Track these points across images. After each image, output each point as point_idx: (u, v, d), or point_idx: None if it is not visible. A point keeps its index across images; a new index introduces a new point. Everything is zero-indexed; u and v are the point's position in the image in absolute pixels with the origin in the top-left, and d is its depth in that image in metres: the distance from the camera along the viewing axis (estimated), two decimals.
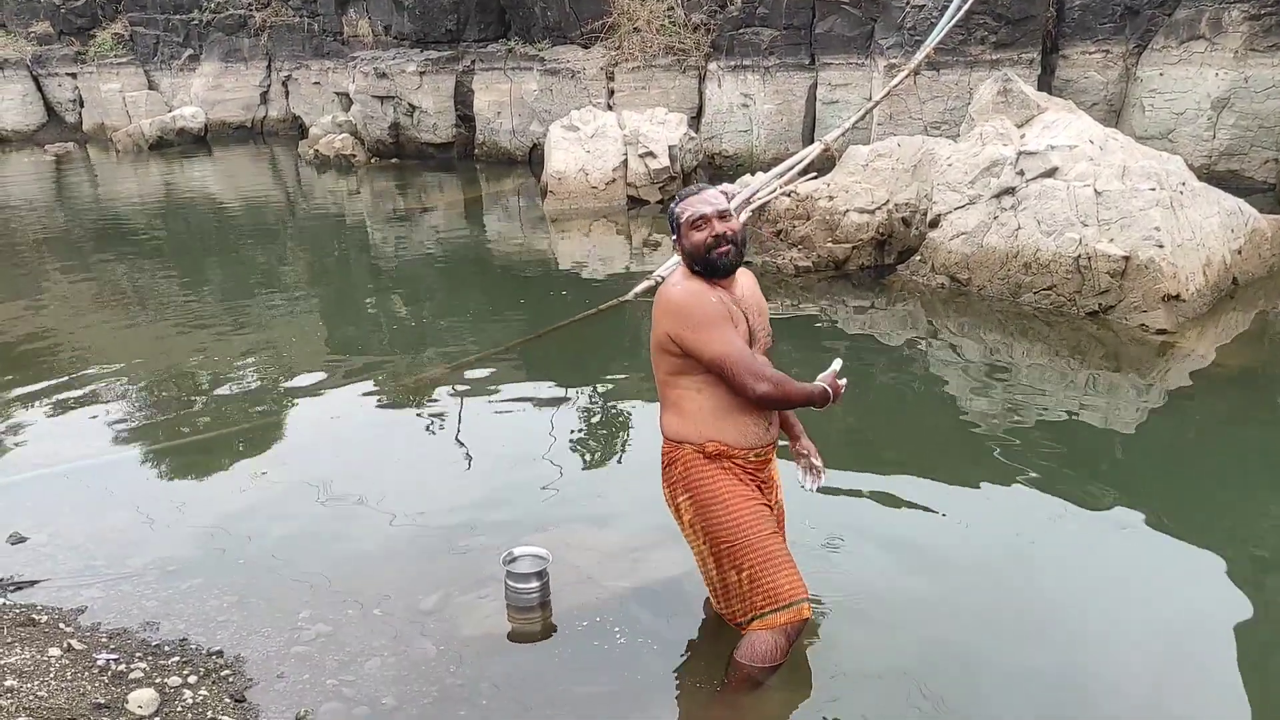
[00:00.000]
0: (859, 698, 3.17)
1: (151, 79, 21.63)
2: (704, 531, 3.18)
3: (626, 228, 11.58)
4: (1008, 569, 3.98)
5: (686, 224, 3.12)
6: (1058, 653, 3.42)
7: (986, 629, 3.56)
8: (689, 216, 3.12)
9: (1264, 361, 6.44)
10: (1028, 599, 3.76)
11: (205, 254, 11.19)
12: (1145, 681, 3.25)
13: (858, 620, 3.58)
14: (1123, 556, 4.08)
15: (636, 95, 14.75)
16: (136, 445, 5.45)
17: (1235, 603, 3.71)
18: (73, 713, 2.91)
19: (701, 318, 3.03)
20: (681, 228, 3.14)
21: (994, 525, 4.38)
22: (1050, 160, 7.54)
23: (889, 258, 8.62)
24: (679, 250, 3.18)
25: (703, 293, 3.08)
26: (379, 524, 4.37)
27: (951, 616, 3.62)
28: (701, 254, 3.10)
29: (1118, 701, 3.15)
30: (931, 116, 12.40)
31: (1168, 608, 3.72)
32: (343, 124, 17.89)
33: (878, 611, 3.65)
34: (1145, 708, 3.13)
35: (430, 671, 3.31)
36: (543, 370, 6.61)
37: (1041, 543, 4.21)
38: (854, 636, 3.48)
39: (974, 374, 6.37)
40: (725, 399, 3.11)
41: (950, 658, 3.37)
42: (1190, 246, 7.09)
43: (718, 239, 3.08)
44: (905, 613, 3.64)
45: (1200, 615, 3.66)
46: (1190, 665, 3.37)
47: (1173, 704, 3.16)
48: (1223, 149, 11.06)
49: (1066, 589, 3.82)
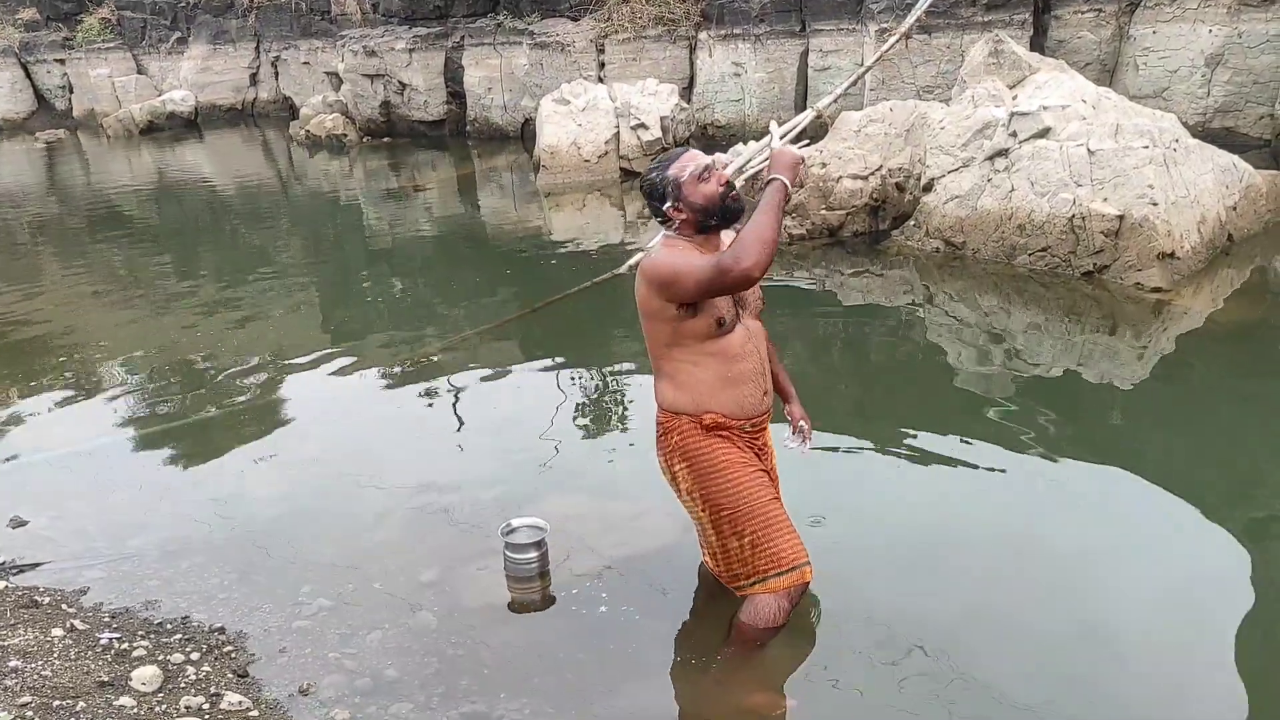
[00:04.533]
0: (859, 660, 3.19)
1: (140, 63, 21.54)
2: (703, 499, 3.16)
3: (620, 200, 11.56)
4: (1009, 531, 3.98)
5: (691, 180, 3.01)
6: (1062, 612, 3.42)
7: (989, 591, 3.56)
8: (692, 171, 3.01)
9: (1260, 317, 6.44)
10: (1031, 560, 3.77)
11: (199, 237, 11.17)
12: (1151, 639, 3.25)
13: (857, 584, 3.59)
14: (1125, 515, 4.08)
15: (627, 67, 14.68)
16: (134, 428, 5.46)
17: (1238, 558, 3.72)
18: (77, 691, 2.92)
19: (674, 265, 2.95)
20: (684, 187, 3.02)
21: (994, 488, 4.38)
22: (1043, 121, 7.51)
23: (883, 223, 8.60)
24: (681, 214, 3.04)
25: (670, 249, 3.03)
26: (378, 499, 4.38)
27: (953, 579, 3.63)
28: (719, 204, 3.02)
29: (1124, 659, 3.15)
30: (924, 80, 12.35)
31: (1172, 564, 3.73)
32: (333, 104, 17.82)
33: (878, 574, 3.66)
34: (1151, 664, 3.14)
35: (432, 643, 3.32)
36: (539, 345, 6.61)
37: (1043, 503, 4.22)
38: (853, 600, 3.49)
39: (971, 337, 6.37)
40: (721, 370, 3.08)
41: (953, 619, 3.38)
42: (1184, 204, 7.07)
43: (728, 184, 3.03)
44: (906, 576, 3.65)
45: (1204, 571, 3.67)
46: (1196, 621, 3.37)
47: (1178, 660, 3.17)
48: (1217, 106, 11.01)
49: (1069, 548, 3.83)
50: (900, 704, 2.96)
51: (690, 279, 2.91)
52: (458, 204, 12.15)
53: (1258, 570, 3.65)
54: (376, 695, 3.05)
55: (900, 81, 12.41)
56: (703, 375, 3.09)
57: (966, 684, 3.02)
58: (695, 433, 3.13)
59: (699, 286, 2.91)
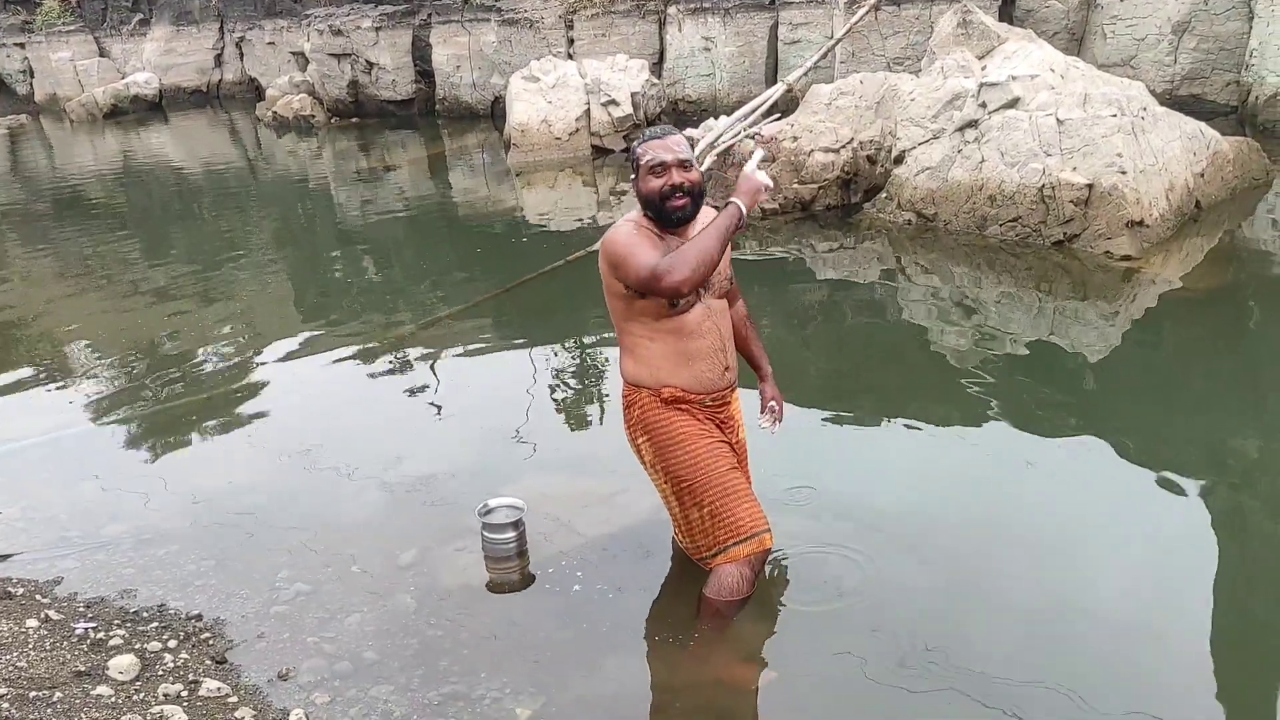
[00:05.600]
0: (835, 633, 3.21)
1: (102, 46, 21.19)
2: (664, 471, 3.20)
3: (592, 178, 11.52)
4: (984, 501, 4.01)
5: (645, 168, 3.04)
6: (1038, 580, 3.45)
7: (964, 561, 3.58)
8: (648, 161, 3.03)
9: (1228, 284, 6.50)
10: (1006, 529, 3.80)
11: (167, 222, 11.05)
12: (1127, 601, 3.28)
13: (833, 557, 3.61)
14: (1099, 481, 4.12)
15: (597, 43, 14.59)
16: (106, 416, 5.40)
17: (1211, 520, 3.77)
18: (53, 682, 2.91)
19: (625, 250, 2.98)
20: (639, 170, 3.07)
21: (969, 458, 4.41)
22: (1012, 91, 7.53)
23: (855, 196, 8.61)
24: (635, 192, 3.12)
25: (629, 228, 3.04)
26: (354, 483, 4.37)
27: (929, 550, 3.65)
28: (655, 202, 3.03)
29: (1101, 623, 3.18)
30: (894, 52, 12.34)
31: (1146, 528, 3.77)
32: (300, 84, 17.63)
33: (853, 547, 3.67)
34: (1128, 627, 3.17)
35: (411, 624, 3.32)
36: (513, 324, 6.59)
37: (1018, 472, 4.26)
38: (829, 573, 3.51)
39: (944, 309, 6.40)
40: (678, 347, 3.10)
41: (929, 590, 3.41)
42: (1153, 172, 7.12)
43: (673, 189, 3.00)
44: (882, 548, 3.65)
45: (1178, 534, 3.70)
46: (1171, 583, 3.41)
47: (1154, 622, 3.20)
48: (1184, 73, 11.07)
49: (1045, 516, 3.86)
50: (877, 676, 2.98)
51: (632, 271, 2.97)
52: (429, 184, 12.06)
53: (1228, 534, 3.70)
54: (356, 678, 3.05)
55: (870, 54, 12.40)
56: (659, 350, 3.11)
57: (944, 655, 3.05)
58: (655, 405, 3.17)
59: (637, 281, 2.97)
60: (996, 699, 2.84)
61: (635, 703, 2.97)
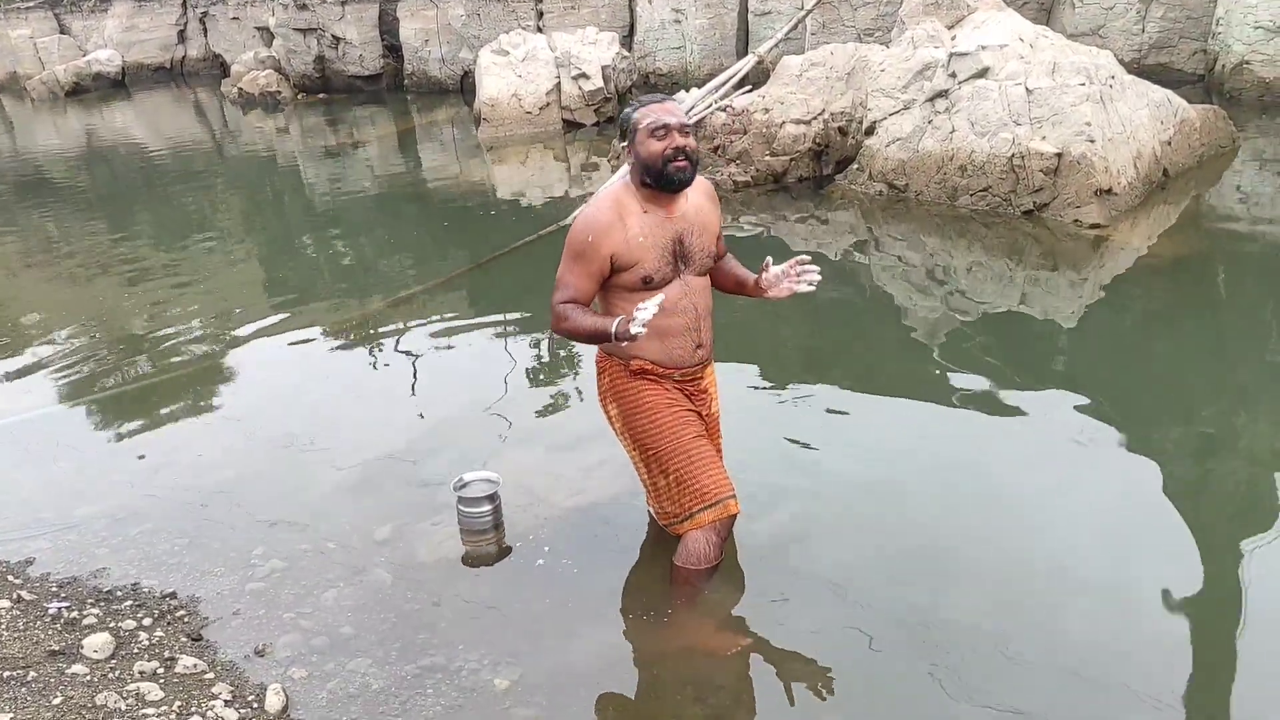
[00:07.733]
0: (810, 601, 3.23)
1: (62, 23, 20.84)
2: (632, 439, 3.24)
3: (564, 152, 11.46)
4: (958, 469, 4.03)
5: (645, 130, 2.97)
6: (1013, 546, 3.48)
7: (939, 528, 3.60)
8: (649, 123, 2.96)
9: (1196, 251, 6.56)
10: (977, 496, 3.83)
11: (133, 201, 10.91)
12: (1099, 564, 3.33)
13: (809, 527, 3.64)
14: (1069, 447, 4.15)
15: (566, 16, 14.49)
16: (76, 397, 5.35)
17: (1179, 482, 3.83)
18: (27, 661, 2.89)
19: (570, 245, 3.05)
20: (638, 134, 2.99)
21: (943, 427, 4.44)
22: (981, 60, 7.54)
23: (827, 168, 8.62)
24: (630, 157, 3.05)
25: (593, 221, 3.01)
26: (329, 460, 4.35)
27: (905, 517, 3.68)
28: (657, 165, 2.96)
29: (1075, 585, 3.23)
30: (864, 23, 12.32)
31: (1117, 492, 3.82)
32: (265, 60, 17.42)
33: (829, 517, 3.70)
34: (1100, 589, 3.21)
35: (387, 599, 3.32)
36: (486, 299, 6.57)
37: (988, 440, 4.30)
38: (806, 543, 3.54)
39: (916, 279, 6.43)
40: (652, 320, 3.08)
41: (904, 557, 3.43)
42: (1121, 140, 7.16)
43: (677, 150, 2.95)
44: (857, 518, 3.69)
45: (1147, 497, 3.75)
46: (1138, 545, 3.46)
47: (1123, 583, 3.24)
48: (1152, 42, 11.13)
49: (1019, 482, 3.91)
50: (850, 641, 3.01)
51: (557, 278, 3.10)
52: (398, 160, 11.96)
53: (1200, 492, 3.76)
54: (334, 653, 3.05)
55: (841, 24, 12.39)
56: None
57: (918, 618, 3.08)
58: (623, 375, 3.20)
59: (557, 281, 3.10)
60: (967, 661, 2.88)
61: (613, 671, 2.99)
